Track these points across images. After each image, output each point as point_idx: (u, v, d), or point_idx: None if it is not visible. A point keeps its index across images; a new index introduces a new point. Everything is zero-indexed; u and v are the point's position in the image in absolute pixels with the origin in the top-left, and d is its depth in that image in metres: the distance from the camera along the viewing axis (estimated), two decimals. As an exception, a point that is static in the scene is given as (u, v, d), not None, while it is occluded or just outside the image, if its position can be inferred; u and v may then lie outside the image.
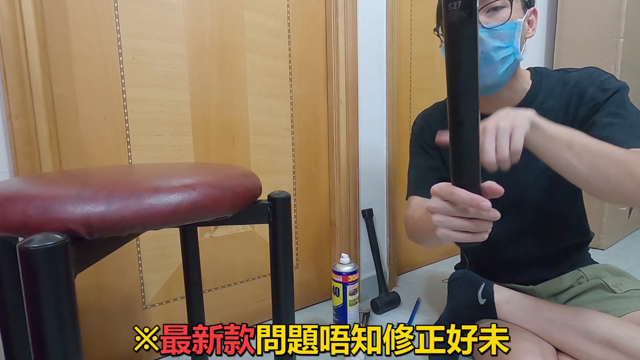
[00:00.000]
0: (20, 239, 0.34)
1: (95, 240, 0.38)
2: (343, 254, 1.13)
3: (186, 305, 0.79)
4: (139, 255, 0.96)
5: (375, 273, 1.33)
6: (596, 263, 0.92)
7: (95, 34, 0.85)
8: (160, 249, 0.99)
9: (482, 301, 0.86)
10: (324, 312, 1.27)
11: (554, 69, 0.90)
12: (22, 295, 0.32)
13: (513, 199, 0.85)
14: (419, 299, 1.33)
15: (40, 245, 0.31)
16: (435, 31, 0.83)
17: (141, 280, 0.97)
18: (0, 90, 0.74)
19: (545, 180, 0.84)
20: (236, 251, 1.12)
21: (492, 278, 0.91)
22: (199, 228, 0.92)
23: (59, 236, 0.32)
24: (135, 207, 0.38)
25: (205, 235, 1.06)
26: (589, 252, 0.96)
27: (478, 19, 0.43)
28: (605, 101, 0.74)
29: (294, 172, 1.22)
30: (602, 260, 0.93)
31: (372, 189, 1.37)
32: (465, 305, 0.89)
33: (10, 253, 0.48)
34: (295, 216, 1.24)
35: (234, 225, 1.11)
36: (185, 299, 0.80)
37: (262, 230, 1.16)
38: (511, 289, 0.89)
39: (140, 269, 0.97)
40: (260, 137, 1.13)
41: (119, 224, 0.37)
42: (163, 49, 0.94)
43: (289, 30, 1.15)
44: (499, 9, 0.73)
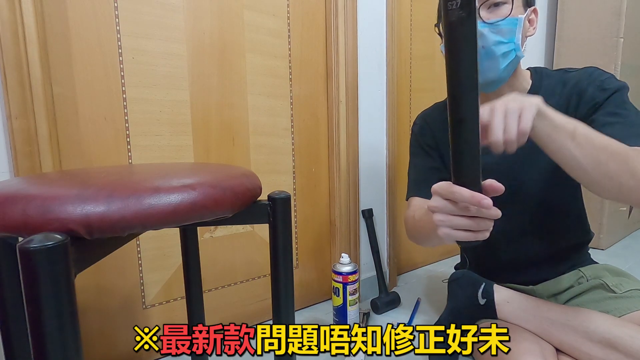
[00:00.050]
0: (20, 239, 0.34)
1: (95, 240, 0.38)
2: (343, 254, 1.13)
3: (186, 305, 0.79)
4: (139, 255, 0.96)
5: (375, 273, 1.33)
6: (596, 263, 0.92)
7: (95, 34, 0.85)
8: (160, 249, 0.99)
9: (482, 301, 0.86)
10: (324, 312, 1.27)
11: (554, 69, 0.90)
12: (22, 295, 0.32)
13: (513, 197, 0.85)
14: (419, 299, 1.33)
15: (40, 245, 0.31)
16: (436, 27, 0.83)
17: (141, 280, 0.97)
18: (0, 90, 0.74)
19: (545, 178, 0.84)
20: (236, 251, 1.12)
21: (492, 278, 0.91)
22: (199, 228, 0.92)
23: (59, 236, 0.33)
24: (135, 207, 0.38)
25: (205, 235, 1.06)
26: (589, 252, 0.96)
27: (477, 18, 0.43)
28: (605, 101, 0.74)
29: (294, 172, 1.22)
30: (602, 260, 0.93)
31: (372, 189, 1.37)
32: (465, 305, 0.89)
33: (10, 253, 0.48)
34: (295, 216, 1.24)
35: (234, 225, 1.11)
36: (185, 299, 0.80)
37: (262, 230, 1.16)
38: (511, 289, 0.89)
39: (140, 269, 0.97)
40: (260, 137, 1.13)
41: (119, 224, 0.37)
42: (163, 49, 0.94)
43: (289, 30, 1.15)
44: (500, 5, 0.73)
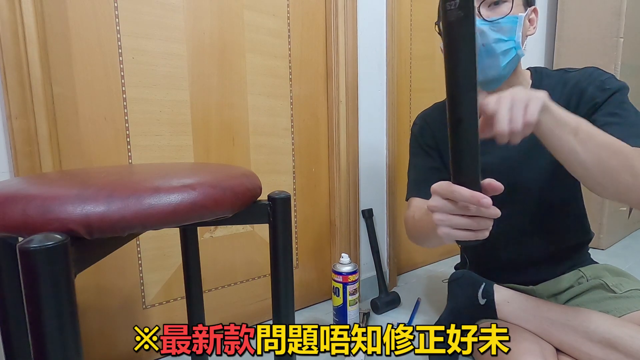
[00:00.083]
0: (20, 239, 0.34)
1: (95, 240, 0.38)
2: (343, 254, 1.13)
3: (186, 305, 0.79)
4: (139, 255, 0.96)
5: (375, 273, 1.33)
6: (596, 263, 0.92)
7: (95, 34, 0.85)
8: (160, 249, 0.99)
9: (482, 301, 0.86)
10: (324, 312, 1.27)
11: (554, 69, 0.90)
12: (22, 295, 0.32)
13: (513, 197, 0.85)
14: (419, 299, 1.33)
15: (40, 245, 0.31)
16: (436, 25, 0.83)
17: (141, 280, 0.97)
18: (0, 90, 0.74)
19: (545, 178, 0.84)
20: (236, 251, 1.12)
21: (492, 278, 0.91)
22: (199, 228, 0.92)
23: (59, 236, 0.33)
24: (135, 207, 0.38)
25: (205, 235, 1.06)
26: (589, 252, 0.96)
27: (477, 16, 0.43)
28: (605, 101, 0.74)
29: (294, 172, 1.22)
30: (602, 260, 0.93)
31: (372, 189, 1.37)
32: (466, 305, 0.89)
33: (10, 253, 0.48)
34: (295, 216, 1.24)
35: (234, 225, 1.11)
36: (185, 299, 0.80)
37: (262, 230, 1.16)
38: (511, 289, 0.89)
39: (140, 269, 0.97)
40: (260, 137, 1.13)
41: (119, 224, 0.37)
42: (163, 49, 0.94)
43: (289, 30, 1.15)
44: (500, 3, 0.73)
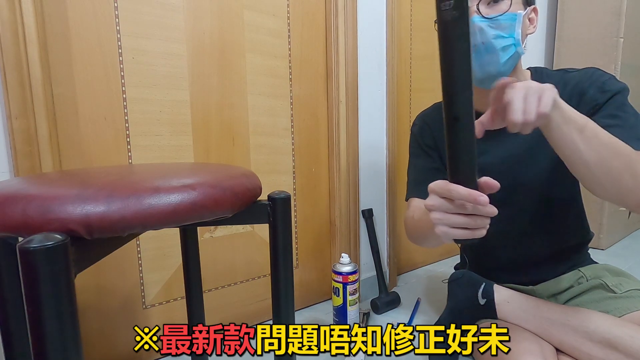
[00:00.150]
0: (20, 239, 0.34)
1: (95, 240, 0.38)
2: (343, 254, 1.13)
3: (186, 305, 0.79)
4: (139, 255, 0.96)
5: (375, 273, 1.33)
6: (596, 263, 0.92)
7: (95, 34, 0.85)
8: (160, 249, 0.99)
9: (482, 301, 0.86)
10: (324, 312, 1.27)
11: (554, 69, 0.90)
12: (22, 295, 0.32)
13: (513, 197, 0.85)
14: (419, 299, 1.33)
15: (40, 245, 0.31)
16: (436, 23, 0.83)
17: (141, 280, 0.97)
18: (0, 90, 0.74)
19: (545, 179, 0.84)
20: (236, 251, 1.12)
21: (492, 278, 0.91)
22: (199, 228, 0.92)
23: (59, 236, 0.33)
24: (135, 207, 0.38)
25: (205, 235, 1.06)
26: (589, 252, 0.96)
27: (470, 18, 0.44)
28: (605, 102, 0.74)
29: (294, 172, 1.22)
30: (602, 260, 0.93)
31: (372, 189, 1.37)
32: (466, 305, 0.89)
33: (10, 253, 0.48)
34: (295, 216, 1.24)
35: (234, 225, 1.11)
36: (185, 299, 0.80)
37: (262, 230, 1.16)
38: (511, 289, 0.89)
39: (140, 269, 0.97)
40: (260, 137, 1.13)
41: (119, 224, 0.37)
42: (163, 49, 0.94)
43: (289, 30, 1.15)
44: (499, 1, 0.73)
